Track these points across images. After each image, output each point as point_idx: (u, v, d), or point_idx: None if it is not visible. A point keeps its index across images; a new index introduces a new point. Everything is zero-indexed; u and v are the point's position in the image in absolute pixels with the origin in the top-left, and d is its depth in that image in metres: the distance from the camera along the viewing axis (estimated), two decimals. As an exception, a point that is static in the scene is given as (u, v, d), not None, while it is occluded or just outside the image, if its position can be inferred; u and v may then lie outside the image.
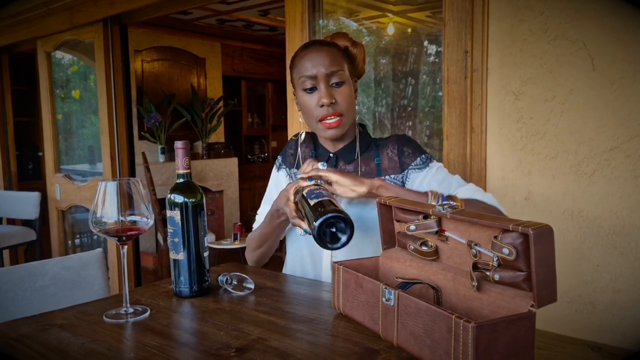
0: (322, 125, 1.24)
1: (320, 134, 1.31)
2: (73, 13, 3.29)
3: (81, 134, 3.99)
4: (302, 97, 1.27)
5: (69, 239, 3.93)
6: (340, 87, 1.24)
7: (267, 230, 1.30)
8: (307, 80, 1.24)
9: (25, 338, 0.90)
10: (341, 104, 1.23)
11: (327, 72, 1.22)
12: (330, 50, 1.25)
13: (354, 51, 1.31)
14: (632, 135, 1.46)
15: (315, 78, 1.23)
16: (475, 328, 0.64)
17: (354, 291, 0.91)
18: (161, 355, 0.81)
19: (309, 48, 1.27)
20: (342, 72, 1.24)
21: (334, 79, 1.23)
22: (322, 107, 1.23)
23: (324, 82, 1.23)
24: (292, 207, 1.13)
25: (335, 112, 1.23)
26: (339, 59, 1.25)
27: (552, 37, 1.57)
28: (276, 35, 6.08)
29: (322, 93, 1.22)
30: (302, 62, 1.25)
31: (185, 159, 1.10)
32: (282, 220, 1.24)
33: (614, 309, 1.51)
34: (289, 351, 0.81)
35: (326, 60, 1.23)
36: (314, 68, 1.22)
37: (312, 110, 1.25)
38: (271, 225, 1.28)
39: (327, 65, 1.22)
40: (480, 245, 0.81)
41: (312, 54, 1.24)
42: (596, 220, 1.53)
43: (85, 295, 1.47)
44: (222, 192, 5.88)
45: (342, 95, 1.24)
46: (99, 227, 0.98)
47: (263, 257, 1.39)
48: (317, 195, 1.04)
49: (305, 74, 1.24)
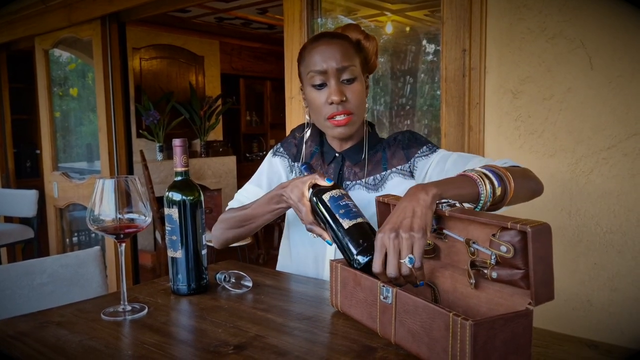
0: (331, 122, 1.19)
1: (327, 132, 1.25)
2: (71, 10, 3.28)
3: (79, 132, 3.98)
4: (310, 94, 1.21)
5: (66, 236, 3.92)
6: (351, 84, 1.18)
7: (258, 212, 1.20)
8: (316, 76, 1.18)
9: (23, 335, 0.90)
10: (352, 102, 1.18)
11: (338, 67, 1.16)
12: (342, 43, 1.18)
13: (367, 45, 1.25)
14: (630, 133, 1.46)
15: (325, 73, 1.17)
16: (473, 326, 0.64)
17: (352, 289, 0.91)
18: (159, 352, 0.82)
19: (319, 41, 1.19)
20: (354, 67, 1.17)
21: (345, 75, 1.17)
22: (332, 105, 1.17)
23: (334, 78, 1.17)
24: (308, 206, 1.05)
25: (346, 110, 1.17)
26: (351, 53, 1.18)
27: (550, 35, 1.57)
28: (275, 34, 6.08)
29: (333, 90, 1.16)
30: (312, 56, 1.18)
31: (184, 156, 1.10)
32: (280, 208, 1.16)
33: (611, 307, 1.52)
34: (286, 349, 0.81)
35: (337, 54, 1.16)
36: (324, 62, 1.16)
37: (321, 107, 1.19)
38: (265, 208, 1.18)
39: (339, 60, 1.16)
40: (479, 243, 0.81)
41: (322, 47, 1.17)
42: (594, 219, 1.53)
43: (83, 293, 1.47)
44: (220, 190, 5.88)
45: (354, 93, 1.18)
46: (96, 225, 0.98)
47: (236, 239, 1.30)
48: (347, 212, 0.97)
49: (315, 68, 1.17)
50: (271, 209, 1.18)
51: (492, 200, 0.90)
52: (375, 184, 1.25)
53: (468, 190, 0.89)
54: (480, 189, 0.89)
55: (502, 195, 0.91)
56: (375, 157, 1.27)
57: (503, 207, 0.94)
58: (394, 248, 0.81)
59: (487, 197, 0.89)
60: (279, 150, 1.37)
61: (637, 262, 1.47)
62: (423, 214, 0.82)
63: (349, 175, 1.28)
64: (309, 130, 1.33)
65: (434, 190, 0.85)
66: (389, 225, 0.83)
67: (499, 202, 0.92)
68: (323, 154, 1.31)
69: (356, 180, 1.26)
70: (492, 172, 0.91)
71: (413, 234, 0.80)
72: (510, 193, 0.91)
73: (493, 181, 0.90)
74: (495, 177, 0.90)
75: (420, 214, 0.82)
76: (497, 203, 0.92)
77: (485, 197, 0.89)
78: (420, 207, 0.83)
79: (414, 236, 0.80)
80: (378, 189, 1.24)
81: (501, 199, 0.92)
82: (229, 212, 1.29)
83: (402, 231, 0.81)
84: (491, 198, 0.89)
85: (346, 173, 1.28)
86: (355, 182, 1.26)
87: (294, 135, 1.37)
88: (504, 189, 0.91)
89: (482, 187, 0.89)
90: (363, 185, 1.25)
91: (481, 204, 0.89)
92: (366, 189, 1.25)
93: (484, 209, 0.90)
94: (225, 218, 1.29)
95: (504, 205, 0.93)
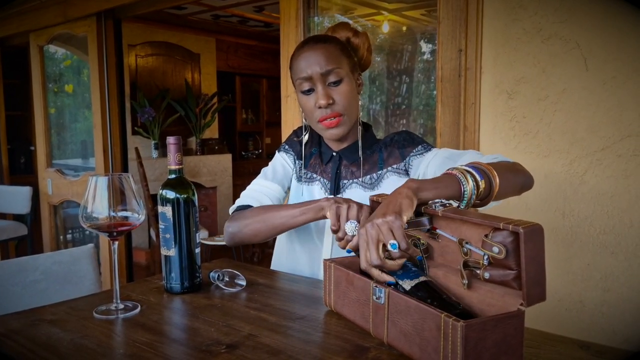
0: (322, 125, 1.22)
1: (322, 134, 1.28)
2: (67, 6, 3.26)
3: (74, 129, 3.97)
4: (301, 99, 1.24)
5: (60, 234, 3.91)
6: (338, 86, 1.20)
7: (291, 222, 1.17)
8: (303, 82, 1.21)
9: (14, 333, 0.90)
10: (340, 103, 1.20)
11: (322, 71, 1.18)
12: (326, 47, 1.20)
13: (357, 42, 1.27)
14: (624, 135, 1.46)
15: (310, 79, 1.20)
16: (464, 327, 0.64)
17: (345, 289, 0.91)
18: (151, 351, 0.81)
19: (303, 47, 1.22)
20: (339, 69, 1.19)
21: (331, 78, 1.19)
22: (321, 109, 1.20)
23: (320, 82, 1.19)
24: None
25: (334, 112, 1.20)
26: (336, 55, 1.20)
27: (545, 36, 1.57)
28: (271, 32, 6.06)
29: (319, 94, 1.19)
30: (298, 63, 1.22)
31: (178, 154, 1.09)
32: (318, 218, 1.13)
33: (604, 308, 1.52)
34: (279, 348, 0.81)
35: (321, 58, 1.18)
36: (309, 68, 1.19)
37: (312, 111, 1.22)
38: (301, 219, 1.15)
39: (323, 64, 1.18)
40: (471, 243, 0.81)
41: (306, 53, 1.20)
42: (587, 220, 1.54)
43: (77, 291, 1.47)
44: (215, 188, 5.87)
45: (341, 94, 1.20)
46: (89, 223, 0.98)
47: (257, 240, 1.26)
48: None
49: (301, 75, 1.20)
50: (307, 219, 1.15)
51: (476, 195, 0.90)
52: (371, 183, 1.27)
53: (450, 187, 0.89)
54: (462, 185, 0.89)
55: (488, 191, 0.92)
56: (373, 157, 1.29)
57: (491, 202, 0.94)
58: (372, 237, 0.82)
59: (470, 193, 0.89)
60: (284, 147, 1.41)
61: (630, 263, 1.48)
62: (398, 201, 0.84)
63: (346, 174, 1.30)
64: (307, 135, 1.35)
65: (414, 185, 0.87)
66: (369, 220, 0.85)
67: (486, 197, 0.93)
68: (321, 154, 1.34)
69: (353, 179, 1.29)
70: (474, 168, 0.92)
71: (386, 219, 0.81)
72: (495, 187, 0.92)
73: (475, 177, 0.90)
74: (477, 173, 0.91)
75: (394, 202, 0.84)
76: (484, 198, 0.93)
77: (469, 194, 0.89)
78: (397, 198, 0.85)
79: (387, 221, 0.81)
80: (374, 188, 1.26)
81: (487, 194, 0.92)
82: (256, 214, 1.23)
83: (376, 219, 0.82)
84: (475, 194, 0.90)
85: (343, 172, 1.30)
86: (352, 180, 1.29)
87: (297, 134, 1.40)
88: (489, 183, 0.92)
89: (465, 184, 0.89)
90: (360, 184, 1.28)
91: (465, 200, 0.90)
92: (363, 187, 1.27)
93: (470, 205, 0.91)
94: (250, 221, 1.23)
95: (491, 200, 0.94)
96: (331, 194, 1.29)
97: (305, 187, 1.34)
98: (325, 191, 1.30)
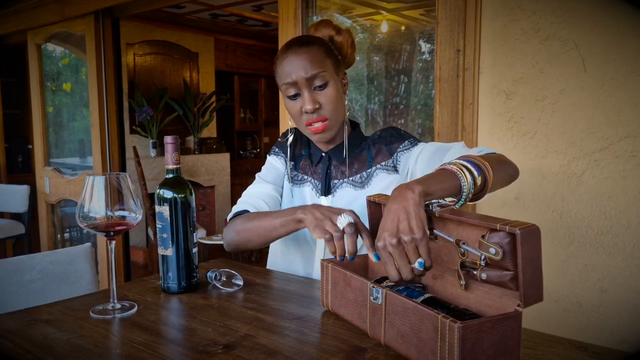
0: (309, 130, 1.22)
1: (310, 138, 1.28)
2: (64, 5, 3.25)
3: (72, 127, 3.95)
4: (287, 104, 1.23)
5: (58, 233, 3.90)
6: (324, 90, 1.19)
7: (274, 235, 1.17)
8: (289, 88, 1.19)
9: (9, 333, 0.89)
10: (326, 107, 1.20)
11: (307, 76, 1.17)
12: (309, 50, 1.19)
13: (340, 40, 1.27)
14: (622, 136, 1.46)
15: (296, 84, 1.18)
16: (461, 328, 0.64)
17: (342, 289, 0.91)
18: (148, 351, 0.81)
19: (287, 52, 1.20)
20: (324, 72, 1.18)
21: (316, 82, 1.18)
22: (307, 114, 1.20)
23: (305, 87, 1.18)
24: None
25: (320, 117, 1.20)
26: (320, 58, 1.19)
27: (543, 37, 1.57)
28: (270, 31, 6.06)
29: (305, 100, 1.18)
30: (282, 68, 1.20)
31: (175, 154, 1.09)
32: (298, 229, 1.13)
33: (601, 309, 1.52)
34: (276, 348, 0.81)
35: (305, 63, 1.17)
36: (294, 74, 1.17)
37: (298, 116, 1.22)
38: (282, 231, 1.15)
39: (308, 69, 1.16)
40: (469, 244, 0.81)
41: (290, 58, 1.18)
42: (585, 220, 1.54)
43: (74, 290, 1.46)
44: (213, 188, 5.86)
45: (327, 98, 1.19)
46: (86, 222, 0.97)
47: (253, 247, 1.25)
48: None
49: (286, 80, 1.19)
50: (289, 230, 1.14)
51: (474, 190, 0.90)
52: (361, 182, 1.27)
53: (450, 183, 0.88)
54: (461, 181, 0.88)
55: (483, 185, 0.92)
56: (361, 156, 1.29)
57: (485, 195, 0.94)
58: (400, 254, 0.80)
59: (468, 188, 0.89)
60: (274, 150, 1.41)
61: (627, 263, 1.48)
62: (416, 212, 0.80)
63: (336, 174, 1.30)
64: (291, 136, 1.35)
65: (420, 188, 0.83)
66: (387, 232, 0.81)
67: (480, 192, 0.93)
68: (311, 155, 1.34)
69: (343, 178, 1.29)
70: (470, 162, 0.91)
71: (414, 236, 0.79)
72: (490, 181, 0.92)
73: (473, 172, 0.89)
74: (474, 168, 0.90)
75: (414, 214, 0.80)
76: (479, 192, 0.93)
77: (467, 189, 0.88)
78: (411, 207, 0.81)
79: (415, 238, 0.79)
80: (364, 186, 1.27)
81: (482, 188, 0.92)
82: (248, 221, 1.22)
83: (403, 235, 0.79)
84: (473, 189, 0.89)
85: (333, 172, 1.31)
86: (343, 180, 1.29)
87: (285, 136, 1.40)
88: (484, 178, 0.91)
89: (464, 179, 0.88)
90: (350, 183, 1.28)
91: (464, 196, 0.89)
92: (353, 186, 1.28)
93: (467, 200, 0.90)
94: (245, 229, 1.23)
95: (485, 193, 0.93)
96: (322, 194, 1.29)
97: (297, 189, 1.34)
98: (316, 192, 1.30)
